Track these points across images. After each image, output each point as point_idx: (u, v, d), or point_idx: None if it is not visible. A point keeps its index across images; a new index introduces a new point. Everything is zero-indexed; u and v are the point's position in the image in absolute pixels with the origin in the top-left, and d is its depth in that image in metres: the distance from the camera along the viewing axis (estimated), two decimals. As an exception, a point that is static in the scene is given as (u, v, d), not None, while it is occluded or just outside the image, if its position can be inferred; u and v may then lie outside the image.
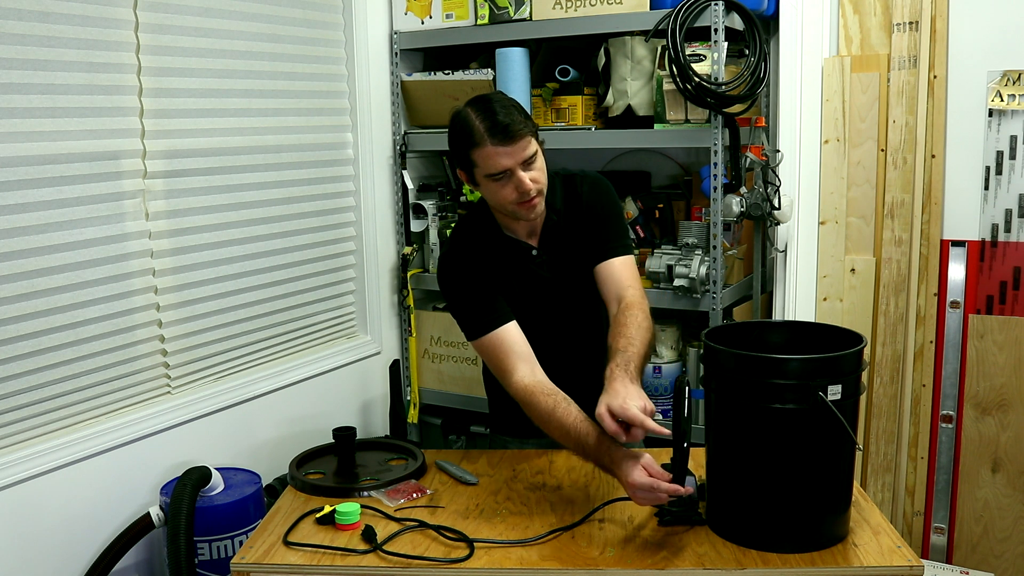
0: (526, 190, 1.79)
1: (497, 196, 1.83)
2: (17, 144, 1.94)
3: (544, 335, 1.95)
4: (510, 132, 1.75)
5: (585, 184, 1.99)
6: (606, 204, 1.99)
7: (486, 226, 1.96)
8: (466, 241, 1.98)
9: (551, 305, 1.99)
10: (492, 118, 1.76)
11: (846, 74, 2.69)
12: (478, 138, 1.76)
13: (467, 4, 2.83)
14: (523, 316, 1.91)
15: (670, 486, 1.58)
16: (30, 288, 1.99)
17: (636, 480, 1.60)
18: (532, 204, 1.83)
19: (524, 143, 1.77)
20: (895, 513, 2.73)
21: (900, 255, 2.68)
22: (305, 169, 2.70)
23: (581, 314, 2.03)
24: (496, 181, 1.80)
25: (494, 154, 1.76)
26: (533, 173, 1.80)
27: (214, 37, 2.38)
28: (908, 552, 1.56)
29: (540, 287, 1.97)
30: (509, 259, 1.95)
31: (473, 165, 1.81)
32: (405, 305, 3.05)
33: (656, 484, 1.58)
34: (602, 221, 1.97)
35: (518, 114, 1.78)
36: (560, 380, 1.84)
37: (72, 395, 2.11)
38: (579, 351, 2.03)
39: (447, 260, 1.97)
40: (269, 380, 2.59)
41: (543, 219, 1.95)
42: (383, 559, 1.60)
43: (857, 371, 1.59)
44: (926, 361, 2.67)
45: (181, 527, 2.02)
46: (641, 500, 1.62)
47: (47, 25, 1.98)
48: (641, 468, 1.61)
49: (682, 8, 2.42)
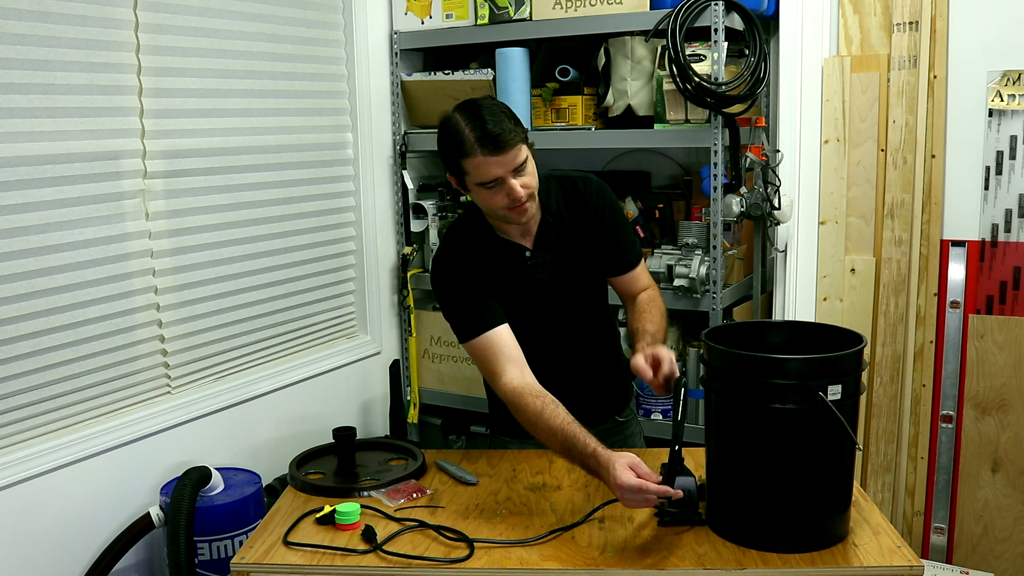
0: (517, 197, 1.78)
1: (488, 203, 1.83)
2: (17, 144, 1.94)
3: (538, 337, 1.96)
4: (500, 142, 1.73)
5: (591, 188, 1.98)
6: (616, 211, 2.01)
7: (478, 228, 1.95)
8: (459, 242, 1.96)
9: (545, 306, 1.99)
10: (482, 127, 1.73)
11: (846, 74, 2.69)
12: (468, 148, 1.74)
13: (467, 4, 2.83)
14: (517, 318, 1.91)
15: (660, 488, 1.56)
16: (30, 288, 1.99)
17: (624, 482, 1.57)
18: (523, 208, 1.82)
19: (515, 152, 1.75)
20: (895, 513, 2.73)
21: (900, 255, 2.68)
22: (305, 169, 2.70)
23: (576, 315, 2.03)
24: (488, 189, 1.79)
25: (484, 164, 1.75)
26: (524, 179, 1.79)
27: (214, 37, 2.38)
28: (908, 552, 1.56)
29: (534, 289, 1.96)
30: (502, 261, 1.94)
31: (464, 173, 1.80)
32: (405, 305, 3.05)
33: (644, 486, 1.56)
34: (615, 230, 1.99)
35: (508, 121, 1.76)
36: (554, 381, 1.84)
37: (72, 395, 2.11)
38: (573, 352, 2.03)
39: (440, 261, 1.96)
40: (269, 380, 2.58)
41: (538, 221, 1.94)
42: (383, 559, 1.60)
43: (857, 371, 1.59)
44: (926, 361, 2.67)
45: (181, 527, 2.02)
46: (629, 503, 1.61)
47: (47, 25, 1.98)
48: (628, 469, 1.58)
49: (682, 8, 2.42)
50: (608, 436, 2.07)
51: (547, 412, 1.74)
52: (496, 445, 2.18)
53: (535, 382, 1.81)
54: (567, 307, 2.01)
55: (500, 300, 1.91)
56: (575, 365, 2.02)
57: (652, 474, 1.60)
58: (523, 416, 1.78)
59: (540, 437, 1.76)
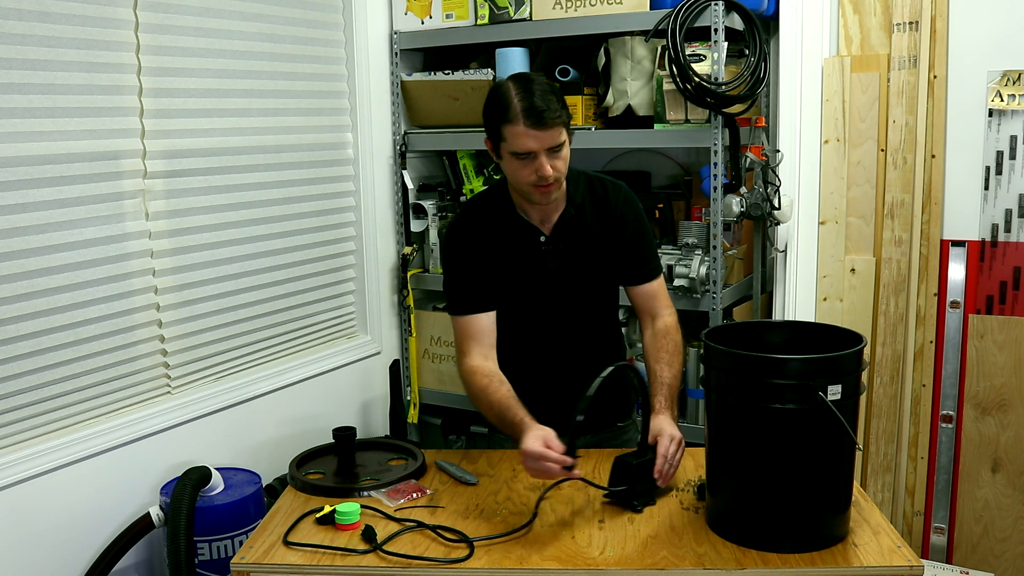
0: (545, 175, 1.83)
1: (517, 174, 1.87)
2: (17, 144, 1.94)
3: (536, 323, 2.00)
4: (544, 118, 1.78)
5: (619, 193, 2.02)
6: (640, 222, 2.04)
7: (501, 203, 1.99)
8: (477, 213, 2.01)
9: (548, 297, 2.01)
10: (530, 99, 1.79)
11: (846, 74, 2.69)
12: (512, 115, 1.80)
13: (467, 4, 2.83)
14: (516, 301, 1.97)
15: (559, 457, 1.64)
16: (30, 288, 1.99)
17: (526, 448, 1.67)
18: (548, 190, 1.87)
19: (555, 132, 1.81)
20: (895, 513, 2.73)
21: (900, 255, 2.68)
22: (305, 169, 2.70)
23: (578, 313, 2.04)
24: (519, 160, 1.84)
25: (523, 135, 1.80)
26: (556, 162, 1.84)
27: (214, 37, 2.38)
28: (908, 552, 1.56)
29: (541, 276, 1.99)
30: (516, 240, 1.98)
31: (501, 139, 1.86)
32: (405, 305, 3.05)
33: (544, 453, 1.64)
34: (638, 238, 2.02)
35: (555, 101, 1.82)
36: (547, 369, 1.94)
37: (72, 395, 2.11)
38: (570, 343, 2.05)
39: (454, 229, 2.02)
40: (269, 380, 2.58)
41: (560, 211, 1.97)
42: (383, 559, 1.60)
43: (857, 371, 1.59)
44: (926, 361, 2.67)
45: (181, 527, 2.02)
46: (531, 470, 1.70)
47: (47, 25, 1.98)
48: (538, 439, 1.68)
49: (682, 8, 2.42)
50: (606, 442, 2.08)
51: (491, 388, 1.86)
52: (496, 445, 2.18)
53: (492, 366, 1.93)
54: (570, 302, 2.02)
55: (503, 279, 1.96)
56: (567, 355, 2.04)
57: (561, 447, 1.67)
58: (470, 392, 1.92)
59: (481, 410, 1.90)
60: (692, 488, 1.84)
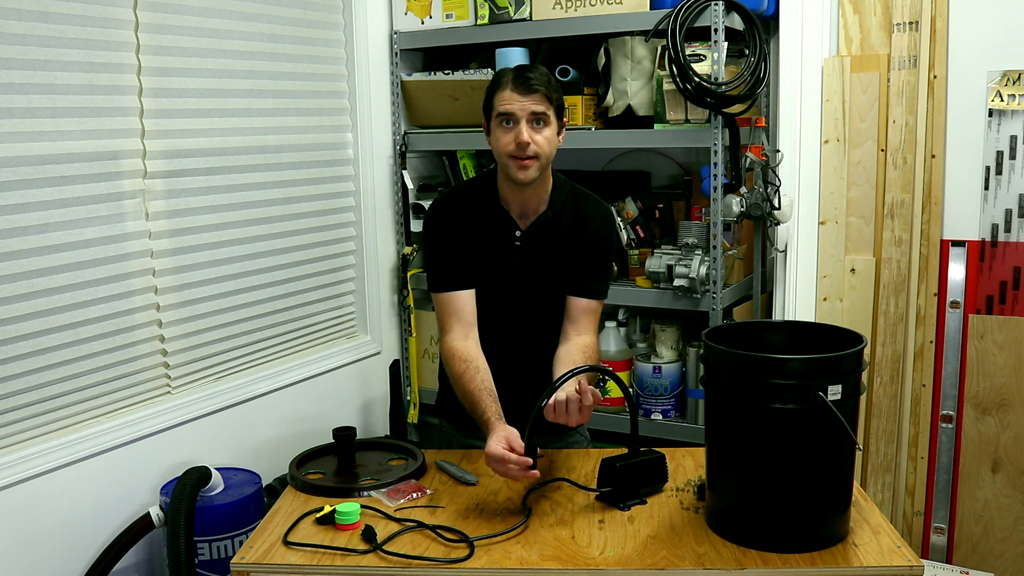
0: (523, 142, 1.87)
1: (498, 142, 1.92)
2: (17, 144, 1.94)
3: (497, 314, 2.03)
4: (529, 83, 1.87)
5: (600, 212, 2.05)
6: (610, 246, 2.09)
7: (487, 190, 2.02)
8: (462, 196, 2.06)
9: (512, 289, 2.04)
10: (521, 70, 1.90)
11: (846, 74, 2.69)
12: (501, 82, 1.91)
13: (467, 4, 2.83)
14: (485, 289, 2.01)
15: (520, 459, 1.68)
16: (30, 288, 1.99)
17: (489, 450, 1.73)
18: (524, 164, 1.90)
19: (538, 98, 1.87)
20: (895, 513, 2.73)
21: (900, 255, 2.68)
22: (305, 169, 2.70)
23: (536, 313, 2.06)
24: (502, 128, 1.90)
25: (508, 98, 1.88)
26: (536, 136, 1.89)
27: (214, 37, 2.38)
28: (908, 552, 1.56)
29: (508, 268, 2.02)
30: (493, 229, 2.01)
31: (492, 109, 1.93)
32: (405, 305, 3.05)
33: (505, 455, 1.69)
34: (599, 257, 2.06)
35: (548, 79, 1.90)
36: (504, 360, 1.97)
37: (72, 395, 2.11)
38: (525, 339, 2.07)
39: (437, 208, 2.06)
40: (269, 380, 2.59)
41: (539, 212, 2.00)
42: (383, 559, 1.60)
43: (857, 371, 1.59)
44: (926, 361, 2.67)
45: (181, 527, 2.02)
46: (495, 470, 1.73)
47: (47, 25, 1.98)
48: (501, 441, 1.72)
49: (682, 8, 2.42)
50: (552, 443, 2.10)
51: (466, 376, 1.91)
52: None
53: (472, 347, 1.97)
54: (529, 300, 2.05)
55: (476, 262, 2.00)
56: (524, 349, 2.06)
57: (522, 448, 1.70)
58: (449, 374, 1.97)
59: (458, 395, 1.95)
60: (692, 488, 1.85)
